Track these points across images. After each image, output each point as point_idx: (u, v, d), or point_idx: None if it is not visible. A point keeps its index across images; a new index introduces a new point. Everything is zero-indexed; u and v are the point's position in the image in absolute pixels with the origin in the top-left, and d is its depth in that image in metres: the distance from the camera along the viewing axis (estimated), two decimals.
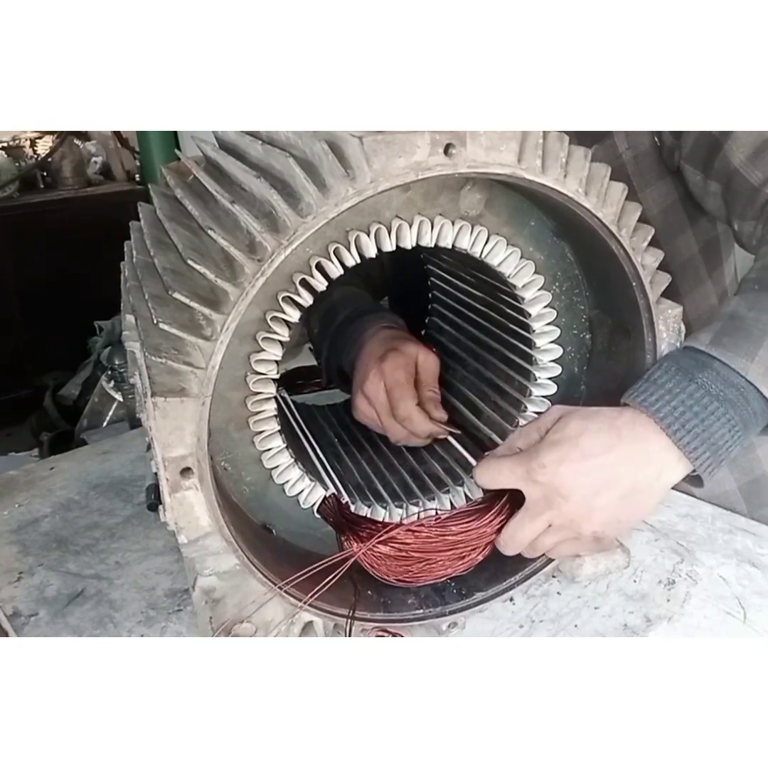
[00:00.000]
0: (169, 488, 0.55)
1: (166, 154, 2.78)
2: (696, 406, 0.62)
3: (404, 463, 0.88)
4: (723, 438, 0.62)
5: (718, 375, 0.62)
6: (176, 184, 0.70)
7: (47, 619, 0.77)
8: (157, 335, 0.54)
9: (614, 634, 0.73)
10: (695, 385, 0.62)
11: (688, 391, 0.62)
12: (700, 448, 0.62)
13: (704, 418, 0.62)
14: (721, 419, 0.62)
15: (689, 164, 0.84)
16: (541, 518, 0.65)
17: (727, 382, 0.62)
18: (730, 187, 0.80)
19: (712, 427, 0.62)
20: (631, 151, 0.87)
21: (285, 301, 0.65)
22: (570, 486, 0.63)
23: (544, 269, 0.73)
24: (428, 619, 0.71)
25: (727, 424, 0.62)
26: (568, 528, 0.65)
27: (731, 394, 0.62)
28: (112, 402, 2.39)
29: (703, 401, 0.62)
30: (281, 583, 0.63)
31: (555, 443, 0.64)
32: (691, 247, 0.96)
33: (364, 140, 0.52)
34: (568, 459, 0.63)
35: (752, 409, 0.63)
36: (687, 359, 0.64)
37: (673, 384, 0.63)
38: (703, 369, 0.63)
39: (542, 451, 0.64)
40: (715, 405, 0.62)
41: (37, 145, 3.49)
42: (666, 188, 0.91)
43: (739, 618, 0.74)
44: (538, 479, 0.63)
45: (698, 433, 0.62)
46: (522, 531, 0.66)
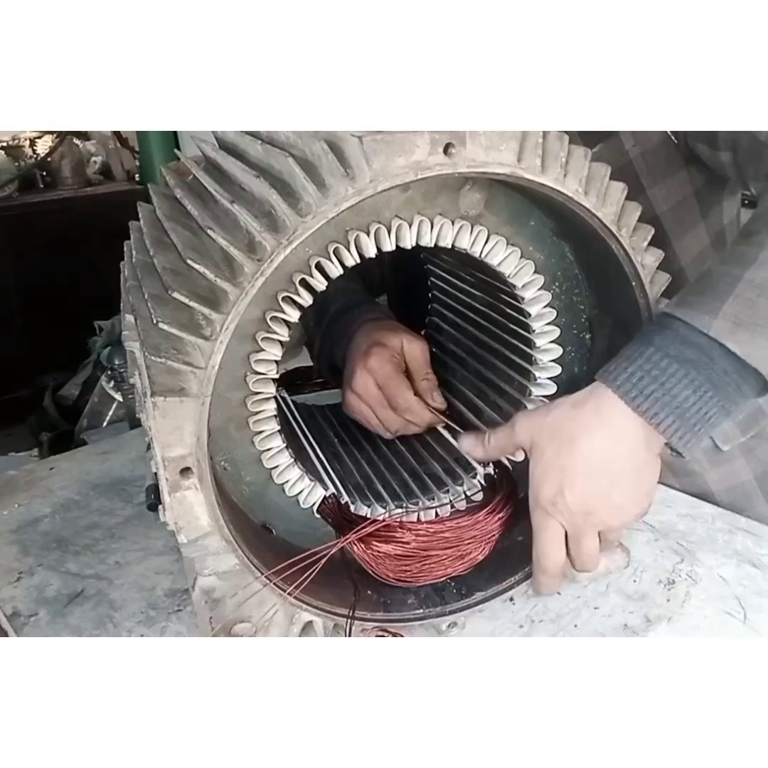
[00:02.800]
0: (169, 488, 0.55)
1: (166, 154, 2.78)
2: (654, 369, 0.59)
3: (404, 463, 0.88)
4: (688, 401, 0.59)
5: (676, 335, 0.60)
6: (176, 183, 0.70)
7: (47, 619, 0.77)
8: (156, 335, 0.54)
9: (614, 634, 0.73)
10: (652, 348, 0.60)
11: (646, 355, 0.60)
12: (661, 413, 0.59)
13: (663, 381, 0.59)
14: (682, 380, 0.59)
15: (697, 141, 0.82)
16: (550, 524, 0.66)
17: (685, 342, 0.59)
18: (738, 150, 0.78)
19: (673, 390, 0.59)
20: (639, 148, 0.86)
21: (285, 301, 0.65)
22: (584, 500, 0.64)
23: (544, 269, 0.73)
24: (428, 619, 0.71)
25: (690, 385, 0.59)
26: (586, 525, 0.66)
27: (691, 353, 0.59)
28: (112, 402, 2.39)
29: (661, 364, 0.59)
30: (268, 572, 0.63)
31: (545, 475, 0.64)
32: (703, 241, 0.94)
33: (363, 140, 0.52)
34: (566, 484, 0.63)
35: (720, 368, 0.59)
36: (653, 325, 0.63)
37: (632, 351, 0.61)
38: (662, 331, 0.60)
39: (540, 487, 0.65)
40: (675, 366, 0.59)
41: (37, 145, 3.49)
42: (678, 184, 0.89)
43: (739, 618, 0.74)
44: (558, 517, 0.65)
45: (658, 397, 0.59)
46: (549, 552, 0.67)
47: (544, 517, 0.66)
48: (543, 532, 0.66)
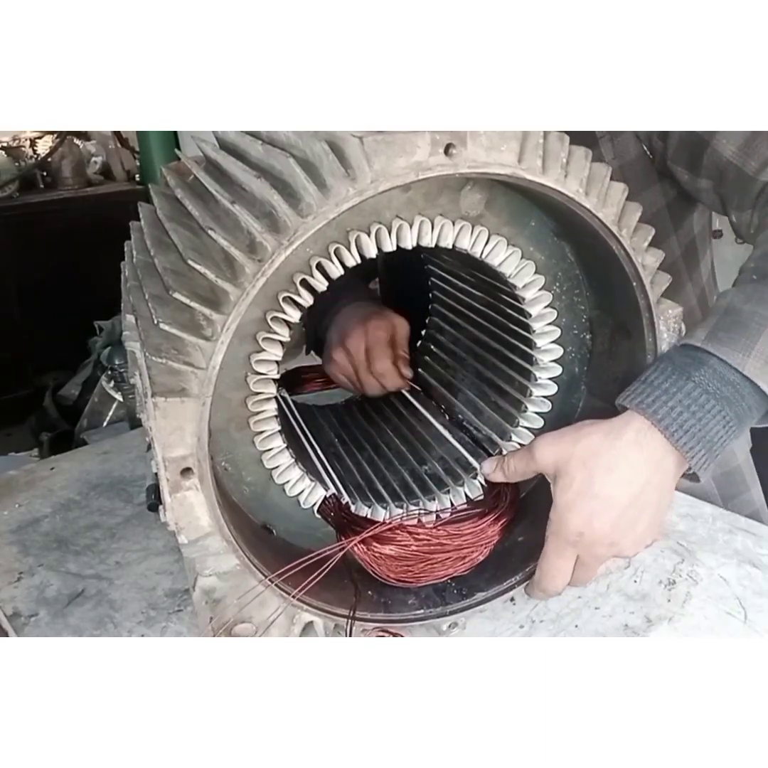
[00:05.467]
0: (170, 488, 0.55)
1: (166, 154, 2.78)
2: (693, 405, 0.61)
3: (404, 463, 0.88)
4: (718, 434, 0.62)
5: (714, 372, 0.62)
6: (176, 184, 0.70)
7: (47, 619, 0.77)
8: (157, 335, 0.54)
9: (615, 634, 0.73)
10: (692, 384, 0.62)
11: (685, 391, 0.62)
12: (696, 447, 0.61)
13: (701, 416, 0.61)
14: (716, 416, 0.61)
15: (677, 164, 0.84)
16: (567, 553, 0.66)
17: (723, 380, 0.61)
18: (723, 181, 0.80)
19: (708, 425, 0.61)
20: (617, 161, 0.87)
21: (285, 302, 0.65)
22: (612, 531, 0.64)
23: (545, 269, 0.73)
24: (429, 620, 0.71)
25: (722, 420, 0.61)
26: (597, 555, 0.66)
27: (727, 392, 0.61)
28: (112, 402, 2.39)
29: (700, 400, 0.61)
30: (271, 575, 0.63)
31: (574, 504, 0.64)
32: (674, 252, 0.97)
33: (364, 140, 0.52)
34: (597, 515, 0.63)
35: (747, 405, 0.62)
36: (683, 357, 0.64)
37: (670, 384, 0.62)
38: (699, 366, 0.62)
39: (567, 515, 0.64)
40: (711, 403, 0.61)
41: (37, 145, 3.49)
42: (652, 197, 0.91)
43: (740, 618, 0.74)
44: (579, 548, 0.65)
45: (695, 432, 0.61)
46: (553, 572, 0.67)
47: (563, 545, 0.65)
48: (556, 559, 0.66)
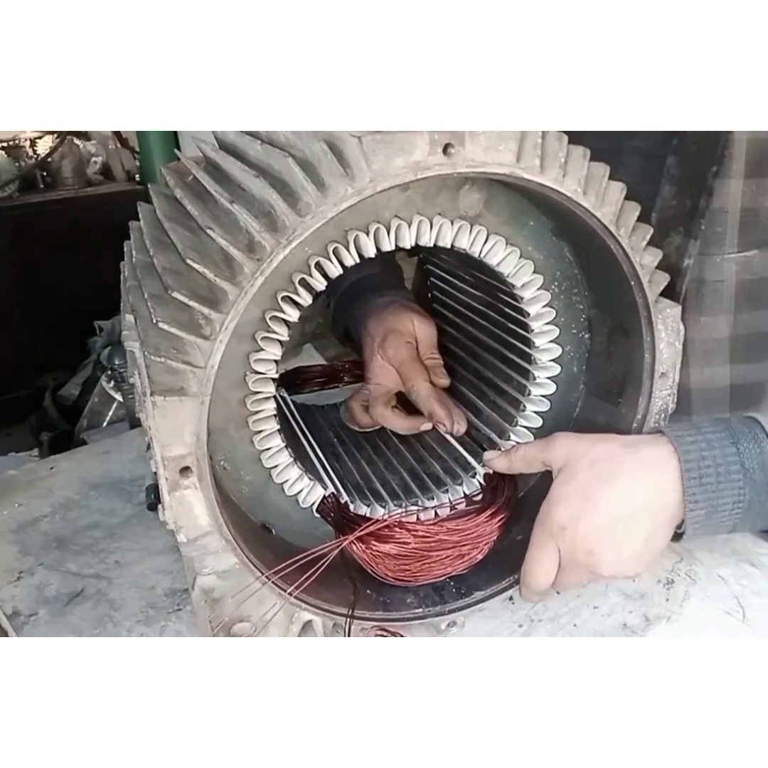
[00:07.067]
0: (169, 487, 0.55)
1: (166, 154, 2.78)
2: (722, 468, 0.60)
3: (403, 462, 0.88)
4: (725, 507, 0.61)
5: (762, 453, 0.60)
6: (176, 184, 0.70)
7: (47, 618, 0.77)
8: (156, 335, 0.54)
9: (613, 633, 0.73)
10: (734, 450, 0.61)
11: (726, 452, 0.61)
12: (700, 503, 0.61)
13: (721, 481, 0.60)
14: (734, 491, 0.60)
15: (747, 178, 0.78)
16: (549, 547, 0.65)
17: (764, 464, 0.60)
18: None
19: (722, 493, 0.60)
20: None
21: (284, 301, 0.65)
22: (594, 538, 0.63)
23: (543, 269, 0.73)
24: (427, 618, 0.71)
25: (736, 498, 0.60)
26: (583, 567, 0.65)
27: (759, 477, 0.60)
28: (112, 402, 2.39)
29: (731, 468, 0.60)
30: (269, 572, 0.63)
31: (567, 497, 0.64)
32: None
33: (363, 140, 0.52)
34: (585, 515, 0.63)
35: (764, 505, 0.61)
36: (742, 425, 0.63)
37: (716, 438, 0.61)
38: (749, 442, 0.61)
39: (556, 506, 0.64)
40: (738, 477, 0.60)
41: (37, 145, 3.48)
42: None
43: (738, 617, 0.74)
44: (560, 543, 0.64)
45: (707, 491, 0.60)
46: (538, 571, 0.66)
47: (546, 537, 0.65)
48: (538, 551, 0.66)
